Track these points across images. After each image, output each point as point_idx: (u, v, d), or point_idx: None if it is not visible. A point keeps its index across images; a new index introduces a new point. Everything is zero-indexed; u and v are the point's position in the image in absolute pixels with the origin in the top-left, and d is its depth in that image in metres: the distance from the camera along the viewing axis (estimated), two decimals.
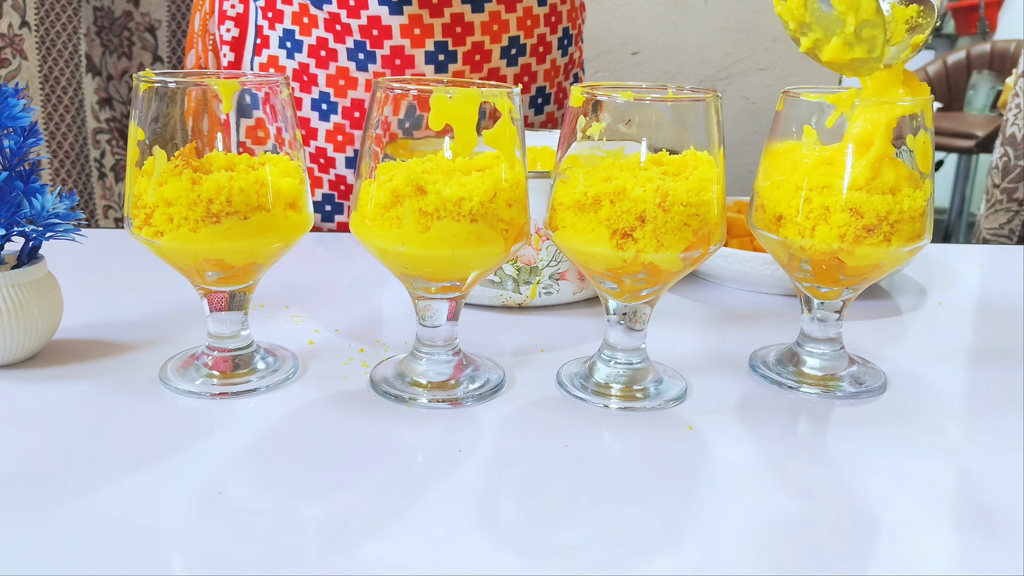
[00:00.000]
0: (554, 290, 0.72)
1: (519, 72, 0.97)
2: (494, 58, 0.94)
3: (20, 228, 0.57)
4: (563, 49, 1.01)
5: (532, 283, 0.71)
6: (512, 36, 0.94)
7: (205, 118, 0.54)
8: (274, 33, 0.97)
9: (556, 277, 0.71)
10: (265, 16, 0.97)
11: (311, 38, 0.94)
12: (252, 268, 0.56)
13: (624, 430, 0.53)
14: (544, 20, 0.97)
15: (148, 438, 0.50)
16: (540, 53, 0.98)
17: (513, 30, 0.94)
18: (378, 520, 0.43)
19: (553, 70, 1.00)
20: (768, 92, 1.73)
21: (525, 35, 0.95)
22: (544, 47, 0.98)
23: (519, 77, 0.97)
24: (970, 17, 3.95)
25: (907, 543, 0.43)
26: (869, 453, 0.51)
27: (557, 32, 0.99)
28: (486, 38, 0.93)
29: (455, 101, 0.51)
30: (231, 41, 1.01)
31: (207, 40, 1.05)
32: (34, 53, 1.45)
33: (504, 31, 0.94)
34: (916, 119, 0.56)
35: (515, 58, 0.96)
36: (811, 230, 0.56)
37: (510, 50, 0.95)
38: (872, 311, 0.77)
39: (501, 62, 0.95)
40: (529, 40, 0.96)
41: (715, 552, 0.42)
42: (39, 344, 0.59)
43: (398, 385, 0.57)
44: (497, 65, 0.95)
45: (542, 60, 0.98)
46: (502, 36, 0.94)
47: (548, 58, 0.99)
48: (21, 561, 0.39)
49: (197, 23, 1.05)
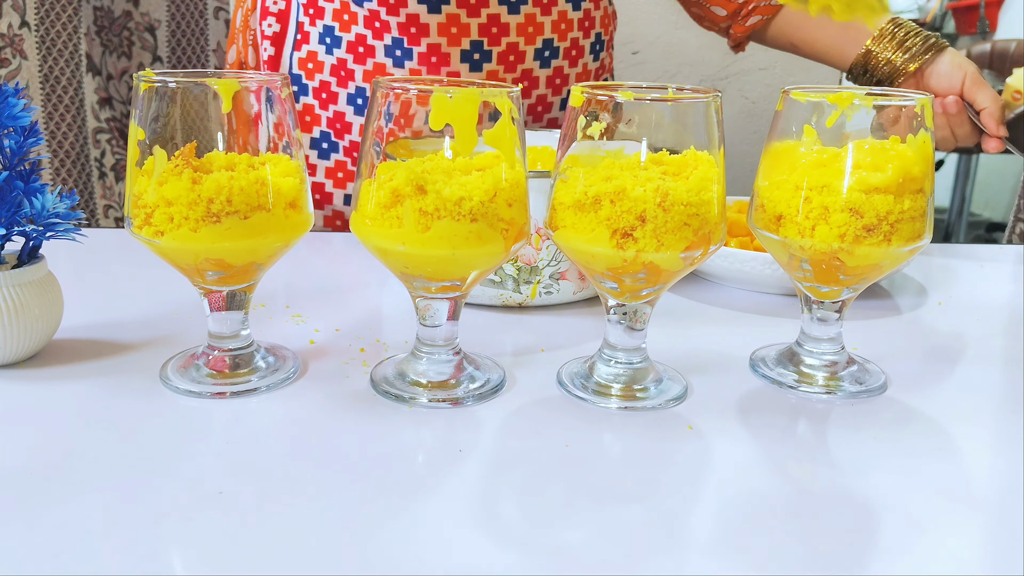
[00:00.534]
0: (554, 289, 0.72)
1: (551, 74, 0.98)
2: (528, 59, 0.95)
3: (20, 228, 0.57)
4: (595, 54, 1.02)
5: (532, 283, 0.71)
6: (546, 39, 0.96)
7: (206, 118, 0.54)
8: (314, 29, 0.98)
9: (556, 277, 0.71)
10: (306, 12, 0.99)
11: (350, 34, 0.95)
12: (252, 268, 0.56)
13: (624, 430, 0.53)
14: (578, 24, 0.98)
15: (148, 438, 0.50)
16: (573, 57, 0.99)
17: (547, 32, 0.95)
18: (378, 520, 0.43)
19: (584, 74, 1.02)
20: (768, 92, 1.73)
21: (559, 38, 0.97)
22: (577, 51, 0.99)
23: (551, 79, 0.98)
24: (970, 17, 3.95)
25: (907, 543, 0.43)
26: (869, 453, 0.51)
27: (590, 37, 1.00)
28: (520, 39, 0.94)
29: (455, 101, 0.51)
30: (272, 36, 1.03)
31: (248, 35, 1.06)
32: (34, 53, 1.45)
33: (539, 33, 0.95)
34: (916, 119, 0.56)
35: (548, 60, 0.97)
36: (811, 230, 0.56)
37: (543, 52, 0.96)
38: (872, 311, 0.77)
39: (534, 63, 0.96)
40: (563, 43, 0.97)
41: (715, 552, 0.42)
42: (39, 344, 0.59)
43: (398, 385, 0.57)
44: (530, 66, 0.96)
45: (574, 64, 1.00)
46: (536, 38, 0.95)
47: (580, 62, 1.00)
48: (21, 561, 0.39)
49: (239, 19, 1.07)
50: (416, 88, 0.52)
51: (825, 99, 0.57)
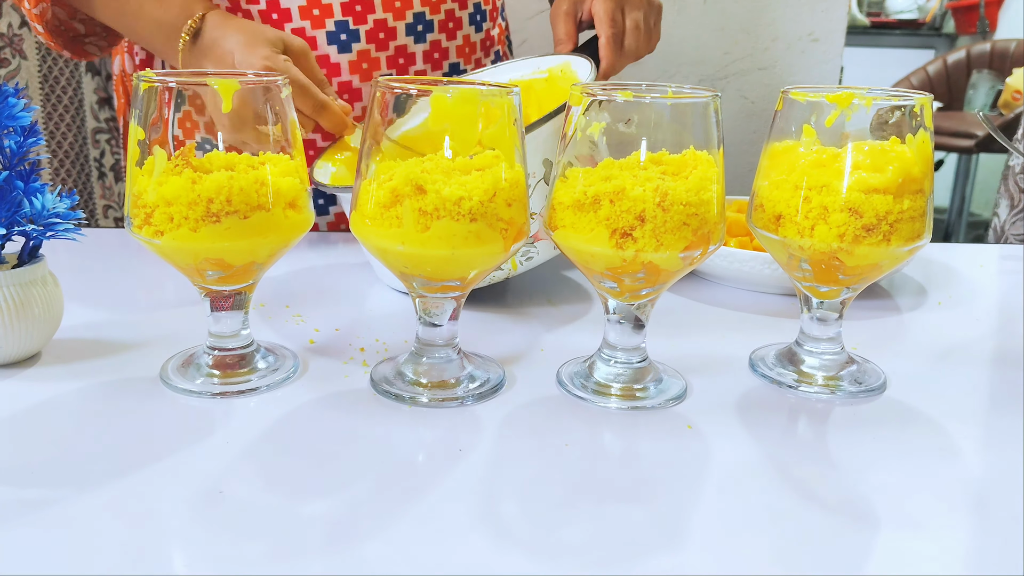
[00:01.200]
0: (532, 253, 0.71)
1: (428, 49, 0.96)
2: (400, 35, 0.93)
3: (20, 228, 0.57)
4: (476, 25, 1.00)
5: None
6: (417, 12, 0.94)
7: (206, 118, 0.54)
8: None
9: (530, 241, 0.70)
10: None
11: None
12: (252, 267, 0.56)
13: (624, 430, 0.53)
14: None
15: (148, 438, 0.50)
16: (450, 29, 0.97)
17: (417, 6, 0.93)
18: (378, 520, 0.43)
19: (467, 46, 0.99)
20: (768, 92, 1.73)
21: (431, 11, 0.94)
22: (454, 23, 0.97)
23: (429, 54, 0.96)
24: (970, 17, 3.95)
25: (907, 543, 0.43)
26: (869, 453, 0.51)
27: (467, 7, 0.98)
28: (388, 15, 0.92)
29: (455, 101, 0.51)
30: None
31: (124, 41, 1.05)
32: (34, 53, 1.45)
33: (407, 7, 0.93)
34: (916, 119, 0.57)
35: (422, 35, 0.95)
36: (810, 230, 0.56)
37: (416, 27, 0.94)
38: (872, 311, 0.77)
39: (408, 39, 0.94)
40: (436, 16, 0.95)
41: (715, 552, 0.42)
42: (39, 344, 0.59)
43: (398, 385, 0.57)
44: (404, 42, 0.94)
45: (452, 36, 0.97)
46: (405, 12, 0.93)
47: (459, 34, 0.98)
48: (21, 561, 0.39)
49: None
50: (416, 88, 0.52)
51: (824, 99, 0.57)
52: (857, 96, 0.57)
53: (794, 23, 1.67)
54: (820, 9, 1.67)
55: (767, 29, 1.68)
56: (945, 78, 3.65)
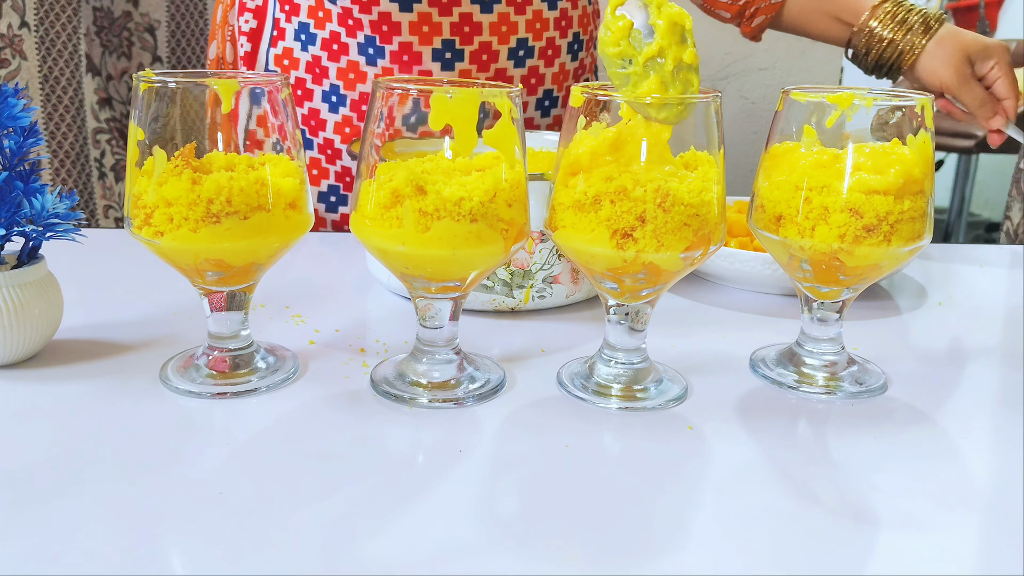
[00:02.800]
0: (547, 293, 0.71)
1: (526, 74, 0.98)
2: (501, 59, 0.95)
3: (20, 228, 0.57)
4: (573, 54, 1.02)
5: (525, 287, 0.70)
6: (520, 38, 0.95)
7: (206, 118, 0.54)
8: (290, 26, 0.98)
9: (549, 280, 0.71)
10: (282, 9, 0.99)
11: (324, 32, 0.96)
12: (252, 268, 0.56)
13: (624, 430, 0.53)
14: (554, 24, 0.97)
15: (148, 438, 0.50)
16: (548, 56, 0.98)
17: (522, 32, 0.95)
18: (378, 521, 0.43)
19: (562, 74, 1.01)
20: (768, 92, 1.73)
21: (534, 38, 0.96)
22: (553, 50, 0.99)
23: (526, 79, 0.98)
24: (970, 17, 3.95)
25: (907, 543, 0.43)
26: (869, 453, 0.51)
27: (567, 36, 1.00)
28: (494, 38, 0.94)
29: (455, 101, 0.51)
30: (249, 32, 1.03)
31: (226, 31, 1.06)
32: (34, 53, 1.45)
33: (512, 32, 0.94)
34: (917, 119, 0.56)
35: (523, 60, 0.96)
36: (811, 230, 0.56)
37: (518, 51, 0.96)
38: (872, 311, 0.77)
39: (508, 63, 0.96)
40: (538, 43, 0.97)
41: (715, 552, 0.42)
42: (39, 344, 0.59)
43: (398, 385, 0.57)
44: (504, 66, 0.96)
45: (550, 63, 0.99)
46: (510, 37, 0.95)
47: (557, 62, 1.00)
48: (21, 561, 0.39)
49: (219, 15, 1.07)
50: (416, 88, 0.52)
51: (825, 99, 0.57)
52: (858, 96, 0.57)
53: None
54: None
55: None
56: None
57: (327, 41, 0.96)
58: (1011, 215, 1.43)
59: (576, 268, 0.71)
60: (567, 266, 0.71)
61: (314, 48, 0.97)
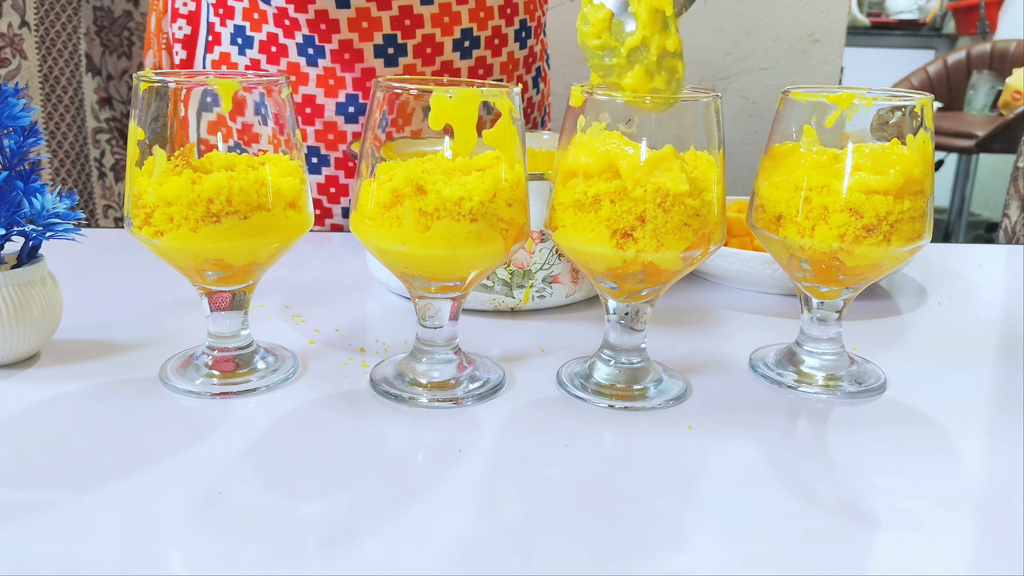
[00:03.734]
0: (547, 293, 0.71)
1: (474, 65, 0.95)
2: (446, 51, 0.93)
3: (20, 228, 0.57)
4: (521, 42, 1.00)
5: (525, 287, 0.70)
6: (464, 28, 0.93)
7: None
8: (225, 30, 0.96)
9: (549, 280, 0.71)
10: (216, 13, 0.96)
11: (261, 34, 0.93)
12: (252, 268, 0.56)
13: (624, 430, 0.53)
14: (499, 12, 0.95)
15: (148, 438, 0.50)
16: (496, 46, 0.96)
17: (465, 22, 0.93)
18: (377, 521, 0.43)
19: (511, 63, 0.99)
20: (768, 92, 1.73)
21: (479, 27, 0.94)
22: (500, 39, 0.97)
23: (474, 70, 0.96)
24: (970, 17, 3.95)
25: (907, 543, 0.43)
26: (869, 453, 0.51)
27: (513, 24, 0.98)
28: (437, 30, 0.92)
29: (455, 101, 0.51)
30: (183, 39, 1.01)
31: (161, 39, 1.04)
32: (34, 53, 1.45)
33: (456, 23, 0.92)
34: (917, 119, 0.56)
35: (469, 51, 0.94)
36: (811, 230, 0.56)
37: (463, 43, 0.94)
38: (872, 311, 0.77)
39: (454, 55, 0.94)
40: (483, 32, 0.95)
41: (715, 552, 0.42)
42: (39, 344, 0.59)
43: (398, 385, 0.57)
44: (450, 58, 0.94)
45: (498, 53, 0.97)
46: (454, 28, 0.92)
47: (504, 51, 0.98)
48: (21, 561, 0.39)
49: (152, 23, 1.05)
50: (416, 88, 0.52)
51: (825, 99, 0.57)
52: (858, 96, 0.57)
53: (795, 24, 1.67)
54: (820, 10, 1.67)
55: (768, 30, 1.68)
56: (945, 78, 3.65)
57: (265, 43, 0.93)
58: (1008, 213, 1.43)
59: (576, 268, 0.71)
60: (567, 266, 0.71)
61: (252, 51, 0.94)
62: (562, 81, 1.53)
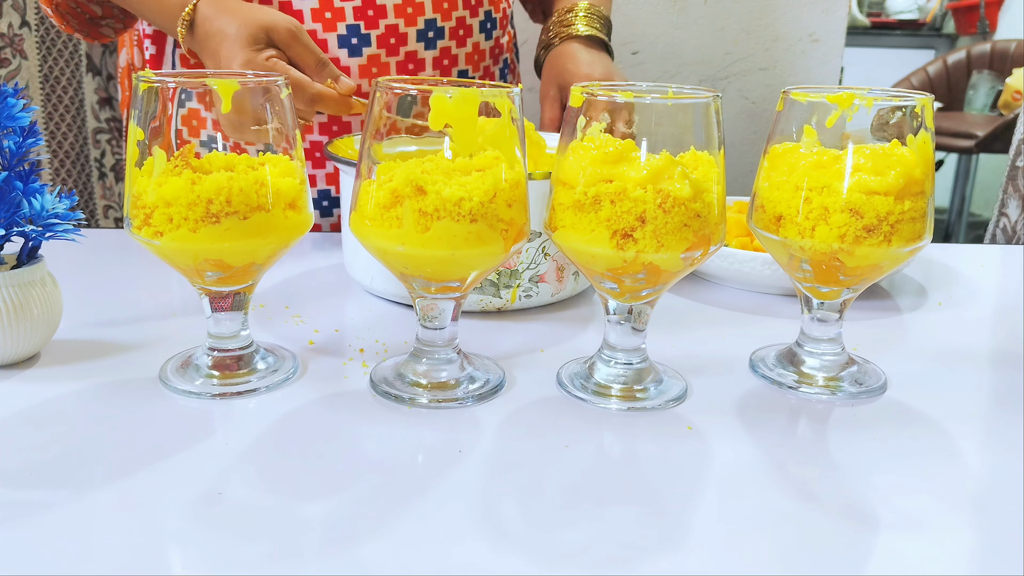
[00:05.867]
0: (534, 293, 0.71)
1: (438, 55, 0.95)
2: (410, 41, 0.93)
3: (20, 228, 0.57)
4: (487, 32, 1.00)
5: (512, 287, 0.70)
6: (428, 19, 0.93)
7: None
8: None
9: (536, 280, 0.70)
10: None
11: None
12: (252, 268, 0.56)
13: (624, 430, 0.53)
14: (463, 3, 0.95)
15: (148, 438, 0.50)
16: (460, 36, 0.97)
17: (429, 12, 0.93)
18: (377, 521, 0.43)
19: (476, 54, 0.99)
20: (768, 92, 1.73)
21: (443, 18, 0.94)
22: (464, 30, 0.97)
23: (439, 60, 0.96)
24: (970, 17, 3.95)
25: (907, 543, 0.43)
26: (869, 453, 0.51)
27: (478, 15, 0.98)
28: (400, 20, 0.92)
29: (455, 101, 0.51)
30: (152, 34, 1.00)
31: (132, 36, 1.04)
32: (34, 53, 1.45)
33: (419, 13, 0.93)
34: (917, 119, 0.56)
35: (433, 41, 0.94)
36: (811, 230, 0.56)
37: (427, 33, 0.94)
38: (872, 311, 0.77)
39: (418, 45, 0.94)
40: (447, 23, 0.95)
41: (715, 552, 0.42)
42: (39, 344, 0.59)
43: (398, 385, 0.57)
44: (414, 48, 0.94)
45: (463, 43, 0.97)
46: (417, 19, 0.93)
47: (469, 41, 0.98)
48: (21, 561, 0.39)
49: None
50: (416, 88, 0.52)
51: (825, 99, 0.57)
52: (858, 96, 0.57)
53: (795, 24, 1.67)
54: (820, 10, 1.67)
55: (768, 30, 1.68)
56: (945, 78, 3.65)
57: None
58: (1007, 212, 1.42)
59: (561, 266, 0.71)
60: (552, 264, 0.71)
61: None
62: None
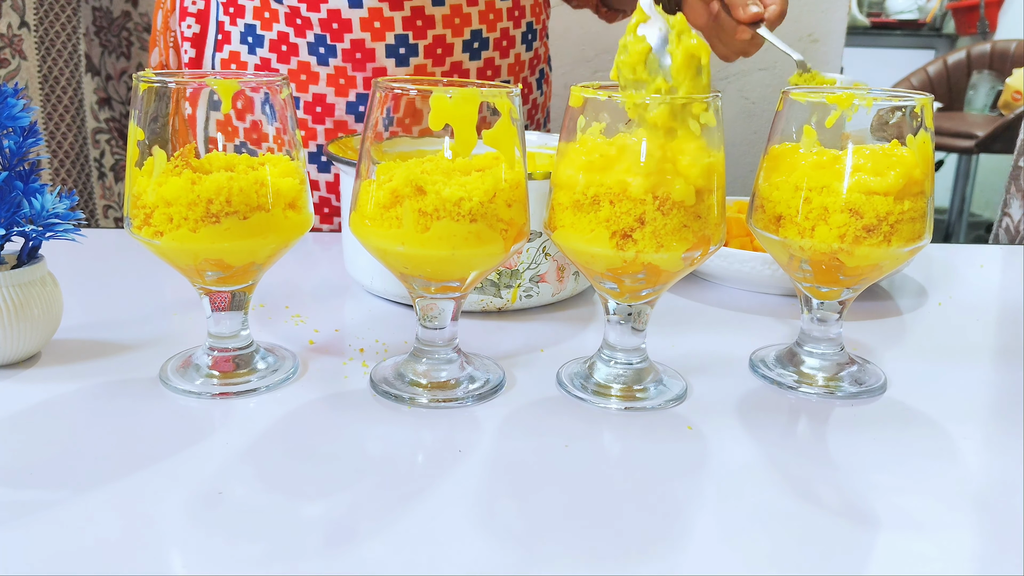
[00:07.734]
0: (534, 293, 0.71)
1: (482, 66, 0.96)
2: (456, 52, 0.94)
3: (20, 228, 0.57)
4: (527, 44, 1.01)
5: (513, 287, 0.70)
6: (474, 30, 0.94)
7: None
8: (235, 28, 0.96)
9: (536, 280, 0.71)
10: (226, 12, 0.97)
11: (272, 33, 0.94)
12: (252, 268, 0.56)
13: (624, 430, 0.53)
14: (507, 14, 0.96)
15: (148, 438, 0.50)
16: (503, 47, 0.98)
17: (475, 24, 0.94)
18: (377, 521, 0.43)
19: (517, 65, 1.00)
20: (768, 92, 1.72)
21: (488, 29, 0.95)
22: (507, 41, 0.98)
23: (482, 71, 0.97)
24: (970, 17, 3.95)
25: (907, 543, 0.43)
26: (869, 453, 0.51)
27: (520, 27, 0.99)
28: (447, 31, 0.93)
29: (455, 101, 0.51)
30: (192, 37, 1.01)
31: (168, 38, 1.04)
32: (34, 53, 1.45)
33: (466, 24, 0.93)
34: (917, 119, 0.56)
35: (478, 52, 0.95)
36: (811, 230, 0.56)
37: (472, 44, 0.95)
38: (872, 311, 0.77)
39: (464, 56, 0.95)
40: (492, 34, 0.96)
41: (715, 552, 0.42)
42: (39, 344, 0.59)
43: (398, 385, 0.57)
44: (460, 59, 0.94)
45: (505, 54, 0.98)
46: (464, 30, 0.93)
47: (512, 52, 0.99)
48: (21, 561, 0.39)
49: (159, 21, 1.05)
50: (416, 88, 0.52)
51: (825, 99, 0.57)
52: (858, 96, 0.57)
53: (794, 23, 1.67)
54: (820, 9, 1.67)
55: None
56: (945, 79, 3.65)
57: (275, 42, 0.94)
58: (1010, 211, 1.42)
59: (561, 266, 0.71)
60: (553, 264, 0.71)
61: (262, 50, 0.94)
62: (562, 81, 1.53)
